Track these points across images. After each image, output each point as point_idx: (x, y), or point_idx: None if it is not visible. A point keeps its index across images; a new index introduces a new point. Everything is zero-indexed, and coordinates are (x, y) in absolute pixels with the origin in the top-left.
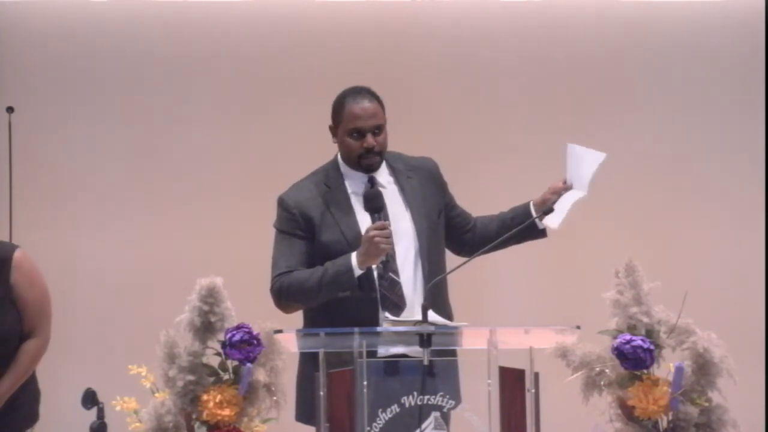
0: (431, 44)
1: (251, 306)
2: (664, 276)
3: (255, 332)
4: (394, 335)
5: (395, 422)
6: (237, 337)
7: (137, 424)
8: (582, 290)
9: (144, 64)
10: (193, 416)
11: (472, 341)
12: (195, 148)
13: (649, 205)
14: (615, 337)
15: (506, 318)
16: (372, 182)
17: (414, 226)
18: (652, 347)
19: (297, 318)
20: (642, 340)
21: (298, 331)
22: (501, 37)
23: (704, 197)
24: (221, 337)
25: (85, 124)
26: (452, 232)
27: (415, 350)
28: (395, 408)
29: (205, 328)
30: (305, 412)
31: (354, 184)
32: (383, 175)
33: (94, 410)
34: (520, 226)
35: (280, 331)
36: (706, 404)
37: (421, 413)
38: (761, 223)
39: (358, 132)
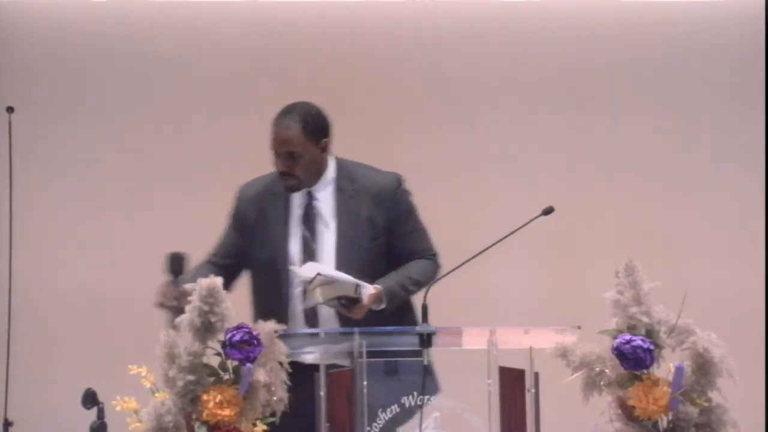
0: (430, 46)
1: (251, 306)
2: (664, 276)
3: (255, 332)
4: (393, 335)
5: (395, 422)
6: (237, 337)
7: (137, 424)
8: (582, 290)
9: (143, 64)
10: (193, 416)
11: (472, 341)
12: (195, 147)
13: (649, 205)
14: (615, 337)
15: (506, 318)
16: (311, 196)
17: (335, 245)
18: (652, 347)
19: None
20: (642, 340)
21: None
22: (499, 38)
23: (704, 197)
24: (221, 337)
25: (85, 124)
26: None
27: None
28: (395, 408)
29: (205, 328)
30: None
31: (298, 196)
32: (326, 191)
33: (94, 410)
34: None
35: None
36: (706, 404)
37: (421, 413)
38: (761, 223)
39: (275, 153)
